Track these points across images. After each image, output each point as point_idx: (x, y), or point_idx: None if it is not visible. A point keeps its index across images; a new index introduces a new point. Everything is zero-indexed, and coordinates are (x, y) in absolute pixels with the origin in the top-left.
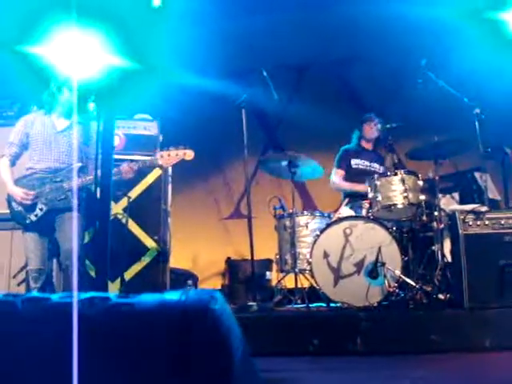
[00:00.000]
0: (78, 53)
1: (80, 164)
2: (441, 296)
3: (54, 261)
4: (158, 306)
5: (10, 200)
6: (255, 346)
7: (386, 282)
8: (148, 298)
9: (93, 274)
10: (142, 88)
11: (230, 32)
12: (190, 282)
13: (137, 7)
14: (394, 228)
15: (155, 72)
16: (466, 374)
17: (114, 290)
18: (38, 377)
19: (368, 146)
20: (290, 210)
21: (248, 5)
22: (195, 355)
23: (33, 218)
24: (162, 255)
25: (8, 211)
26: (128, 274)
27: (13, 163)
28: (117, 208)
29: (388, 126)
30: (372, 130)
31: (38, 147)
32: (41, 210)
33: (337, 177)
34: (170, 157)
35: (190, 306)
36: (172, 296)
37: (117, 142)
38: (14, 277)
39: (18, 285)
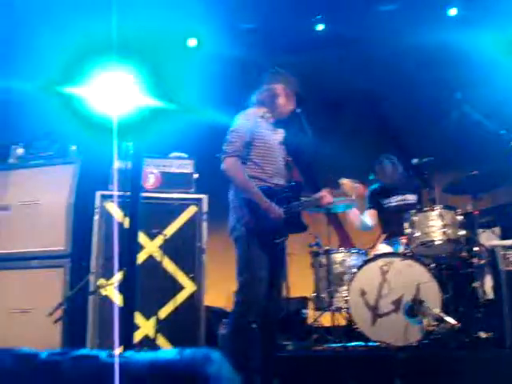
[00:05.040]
0: (116, 93)
1: (301, 181)
2: (482, 334)
3: None
4: (149, 367)
5: (255, 215)
6: None
7: (426, 320)
8: (139, 358)
9: None
10: (177, 126)
11: (265, 69)
12: (225, 320)
13: (173, 48)
14: (433, 265)
15: (189, 111)
16: None
17: (149, 328)
18: None
19: (394, 182)
20: (326, 247)
21: (280, 42)
22: None
23: (279, 239)
24: (197, 293)
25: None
26: (163, 313)
27: None
28: (152, 246)
29: (424, 160)
30: (384, 177)
31: (269, 157)
32: (286, 230)
33: (370, 218)
34: (352, 189)
35: (181, 370)
36: (166, 355)
37: (153, 180)
38: (51, 314)
39: (55, 322)
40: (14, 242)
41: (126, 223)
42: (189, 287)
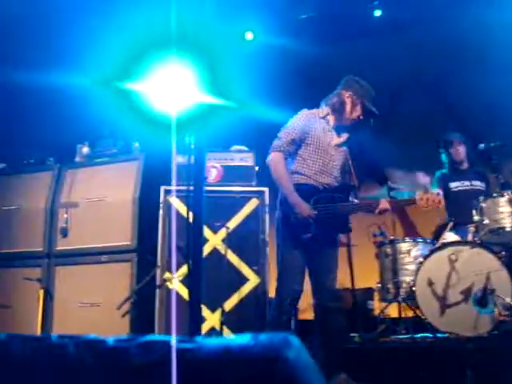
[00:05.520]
0: (174, 88)
1: (354, 184)
2: None
3: None
4: (223, 352)
5: (286, 209)
6: (358, 378)
7: (497, 310)
8: (212, 343)
9: None
10: (237, 120)
11: (321, 60)
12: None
13: (230, 43)
14: (503, 252)
15: (246, 106)
16: None
17: (214, 320)
18: None
19: (463, 166)
20: (391, 237)
21: (337, 31)
22: None
23: (307, 236)
24: (261, 286)
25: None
26: (228, 305)
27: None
28: (216, 239)
29: (492, 144)
30: (458, 151)
31: (318, 155)
32: (316, 229)
33: None
34: (428, 201)
35: (258, 354)
36: (240, 340)
37: (215, 173)
38: (119, 308)
39: (124, 315)
40: (83, 237)
41: (190, 217)
42: (253, 279)
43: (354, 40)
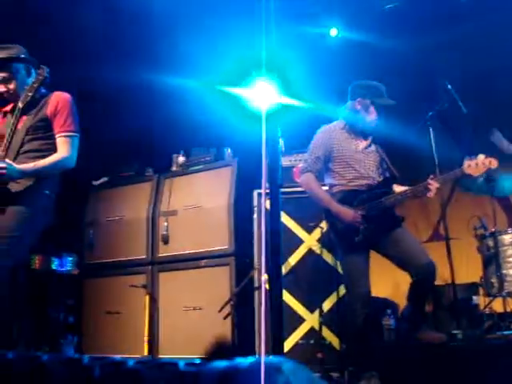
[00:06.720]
0: (264, 92)
1: (394, 175)
2: None
3: None
4: (220, 377)
5: (332, 220)
6: (462, 378)
7: None
8: (213, 367)
9: None
10: (321, 121)
11: (408, 50)
12: (389, 311)
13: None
14: None
15: (331, 108)
16: None
17: (314, 320)
18: None
19: None
20: (493, 229)
21: (422, 18)
22: None
23: (359, 238)
24: None
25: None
26: (326, 305)
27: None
28: (311, 239)
29: None
30: None
31: (349, 165)
32: (366, 229)
33: None
34: (477, 166)
35: (250, 380)
36: (240, 365)
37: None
38: (220, 311)
39: (225, 317)
40: (183, 244)
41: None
42: None
43: (441, 27)
